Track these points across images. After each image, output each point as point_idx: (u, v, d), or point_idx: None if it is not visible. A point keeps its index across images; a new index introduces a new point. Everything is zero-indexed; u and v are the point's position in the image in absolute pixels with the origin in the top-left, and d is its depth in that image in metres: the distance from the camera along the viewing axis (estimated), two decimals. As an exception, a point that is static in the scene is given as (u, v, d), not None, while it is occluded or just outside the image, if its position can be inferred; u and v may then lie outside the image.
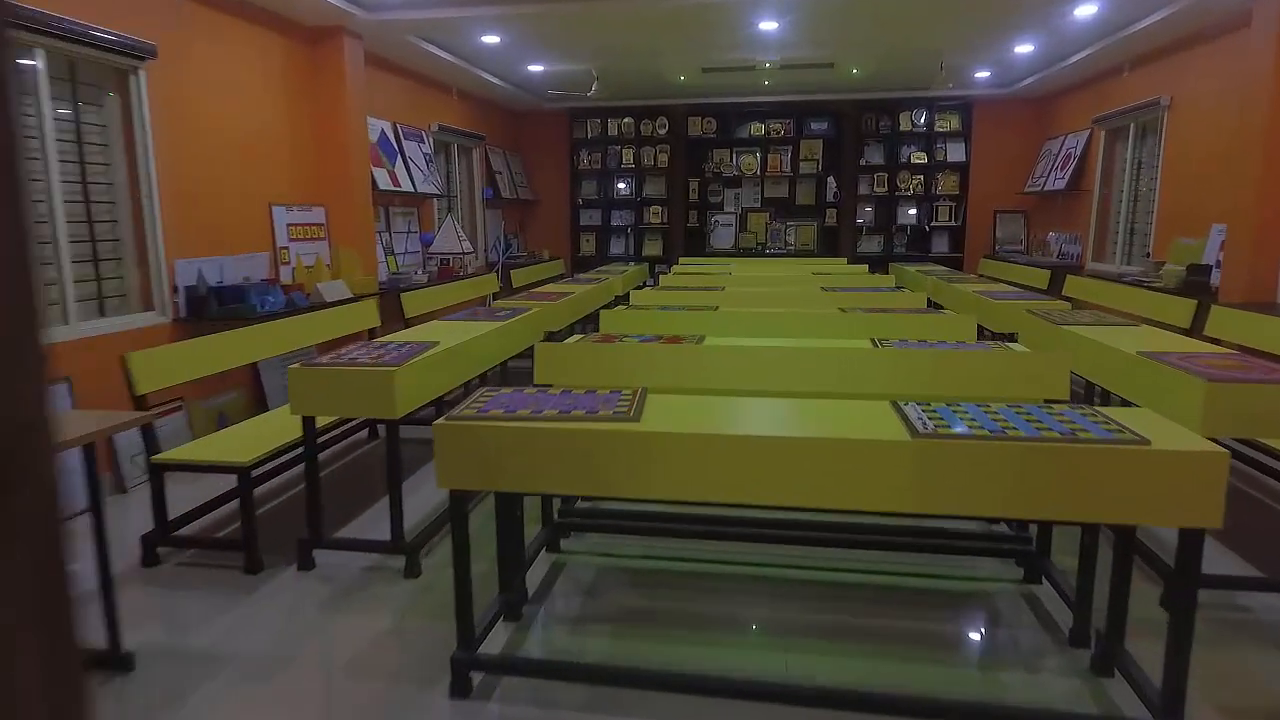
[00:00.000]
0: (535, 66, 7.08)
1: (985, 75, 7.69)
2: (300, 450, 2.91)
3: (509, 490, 2.03)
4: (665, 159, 9.18)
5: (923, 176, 8.81)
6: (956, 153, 8.74)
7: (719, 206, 9.33)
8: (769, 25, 5.65)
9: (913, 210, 8.99)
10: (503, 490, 1.99)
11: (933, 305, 5.29)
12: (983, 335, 3.92)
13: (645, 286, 7.27)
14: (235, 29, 4.50)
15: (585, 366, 2.83)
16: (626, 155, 9.24)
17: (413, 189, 6.31)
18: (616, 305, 4.56)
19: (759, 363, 2.70)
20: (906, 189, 8.84)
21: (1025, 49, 6.47)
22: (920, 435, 1.77)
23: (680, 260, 8.29)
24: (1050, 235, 7.94)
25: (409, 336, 3.36)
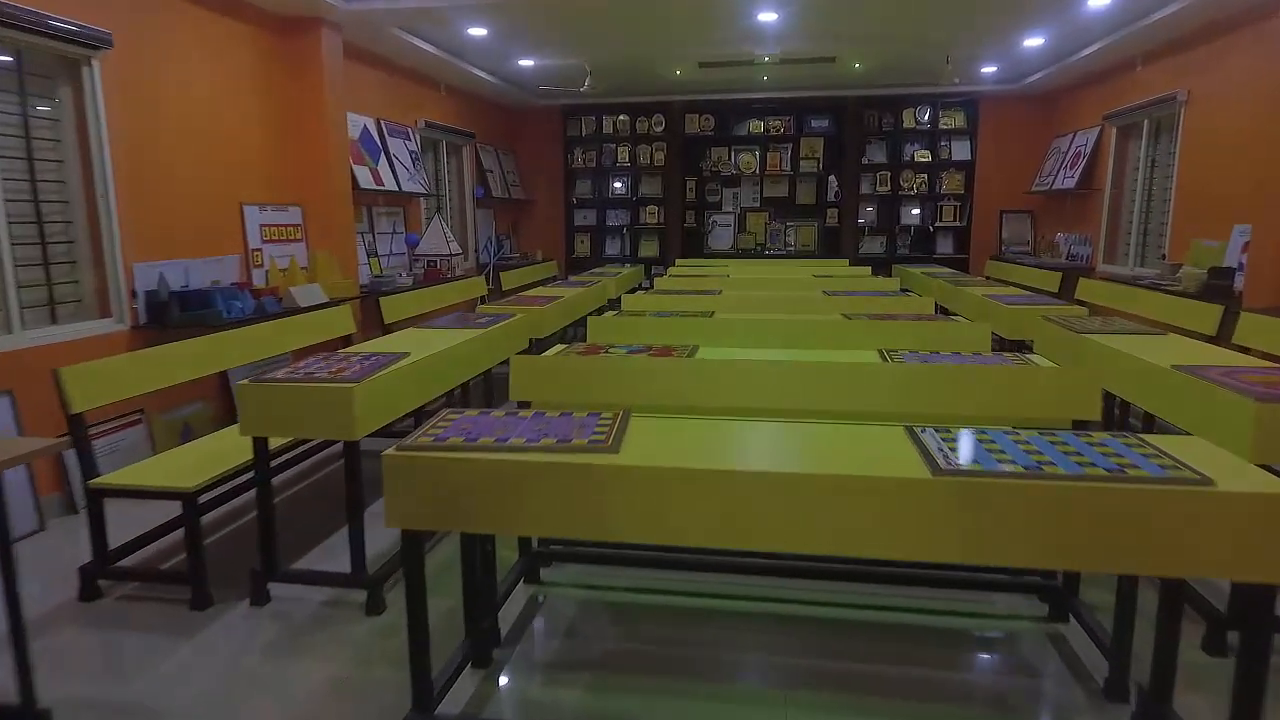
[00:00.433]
0: (526, 61, 6.83)
1: (992, 70, 7.44)
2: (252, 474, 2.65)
3: (467, 531, 1.77)
4: (662, 157, 8.93)
5: (926, 175, 8.56)
6: (961, 151, 8.48)
7: (717, 206, 9.08)
8: (768, 16, 5.39)
9: (916, 210, 8.74)
10: (461, 531, 1.74)
11: (940, 310, 5.04)
12: (995, 343, 3.67)
13: (640, 289, 7.02)
14: (201, 18, 4.24)
15: (566, 382, 2.57)
16: (622, 153, 8.98)
17: (397, 188, 6.05)
18: (608, 310, 4.31)
19: (756, 379, 2.45)
20: (910, 188, 8.59)
21: (1035, 42, 6.22)
22: (942, 472, 1.52)
23: (677, 262, 8.05)
24: (1058, 236, 7.69)
25: (378, 346, 3.11)
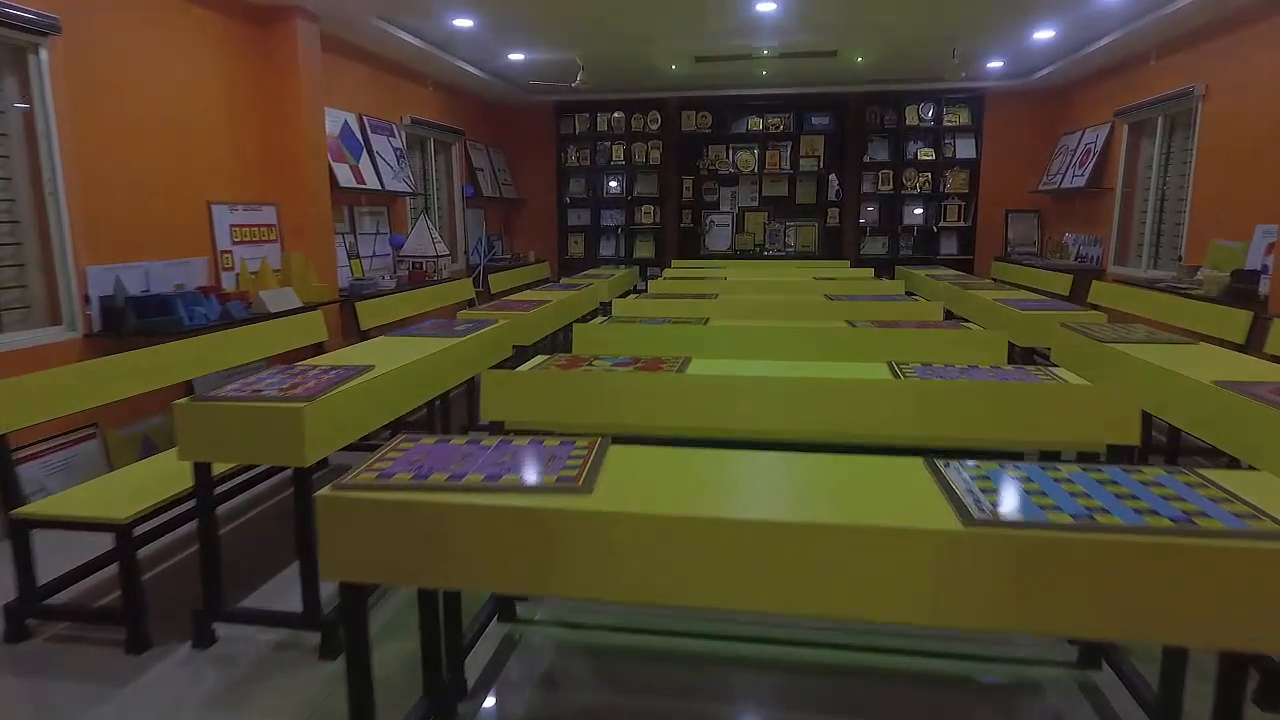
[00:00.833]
0: (516, 55, 6.58)
1: (998, 65, 7.19)
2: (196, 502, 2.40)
3: (413, 585, 1.52)
4: (658, 155, 8.67)
5: (930, 174, 8.31)
6: (966, 149, 8.23)
7: (714, 206, 8.83)
8: (767, 7, 5.14)
9: (919, 210, 8.49)
10: (407, 585, 1.49)
11: (949, 315, 4.79)
12: (1009, 351, 3.42)
13: (633, 293, 6.77)
14: (164, 5, 3.99)
15: (543, 399, 2.32)
16: (616, 151, 8.73)
17: (380, 186, 5.80)
18: (597, 316, 4.07)
19: (754, 398, 2.20)
20: (913, 187, 8.34)
21: (1045, 35, 5.97)
22: (976, 523, 1.27)
23: (673, 263, 7.80)
24: (1067, 236, 7.44)
25: (343, 357, 2.86)
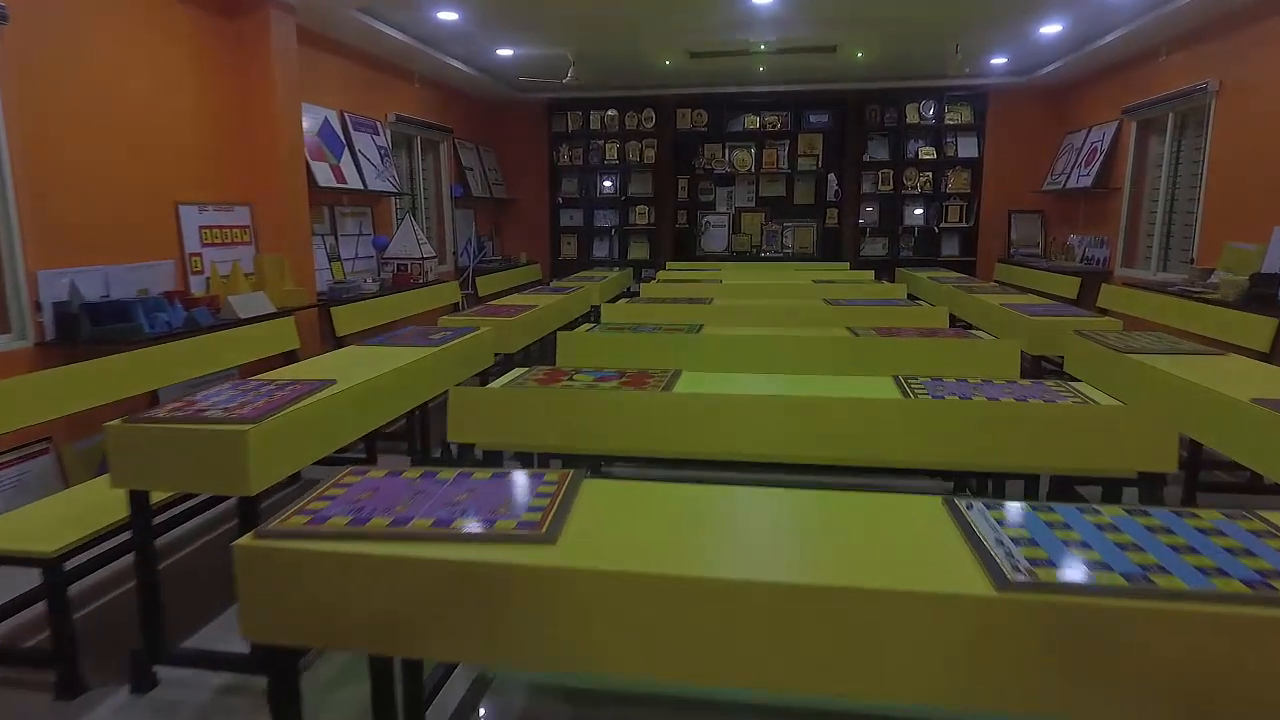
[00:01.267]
0: (504, 50, 6.37)
1: (1002, 62, 6.99)
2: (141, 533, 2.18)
3: (346, 649, 1.31)
4: (652, 154, 8.47)
5: (931, 174, 8.11)
6: (968, 148, 8.03)
7: (710, 206, 8.62)
8: (764, -1, 4.95)
9: (920, 210, 8.29)
10: (338, 648, 1.28)
11: (955, 321, 4.58)
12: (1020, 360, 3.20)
13: (627, 295, 6.57)
14: (128, -6, 3.77)
15: (515, 420, 2.11)
16: (610, 150, 8.52)
17: (363, 186, 5.59)
18: (582, 324, 3.86)
19: (748, 419, 1.99)
20: (913, 187, 8.14)
21: (1052, 29, 5.77)
22: (1011, 586, 1.06)
23: (668, 265, 7.60)
24: (1072, 238, 7.25)
25: (305, 370, 2.64)
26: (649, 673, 1.15)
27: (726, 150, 8.44)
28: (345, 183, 5.37)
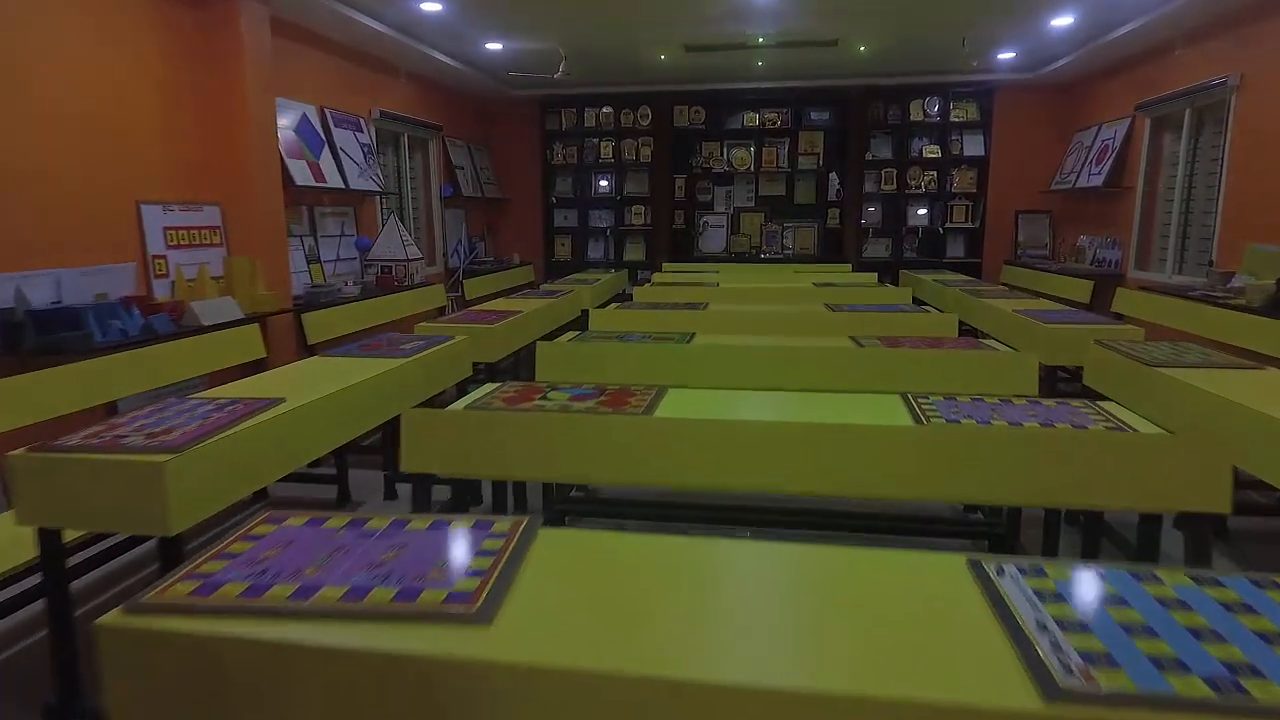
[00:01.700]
0: (493, 44, 6.13)
1: (1010, 57, 6.75)
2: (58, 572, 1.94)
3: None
4: (648, 153, 8.23)
5: (936, 173, 7.87)
6: (974, 146, 7.79)
7: (708, 206, 8.39)
8: (762, -12, 4.71)
9: (924, 210, 8.05)
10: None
11: (963, 328, 4.34)
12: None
13: (624, 295, 6.33)
14: (84, -20, 3.54)
15: (475, 446, 1.88)
16: (605, 149, 8.28)
17: (344, 185, 5.35)
18: (569, 331, 3.62)
19: (738, 448, 1.76)
20: (917, 186, 7.90)
21: (1063, 22, 5.53)
22: (1062, 696, 0.82)
23: (664, 266, 7.36)
24: (1082, 239, 7.00)
25: (251, 387, 2.41)
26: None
27: (725, 148, 8.21)
28: (324, 181, 5.14)
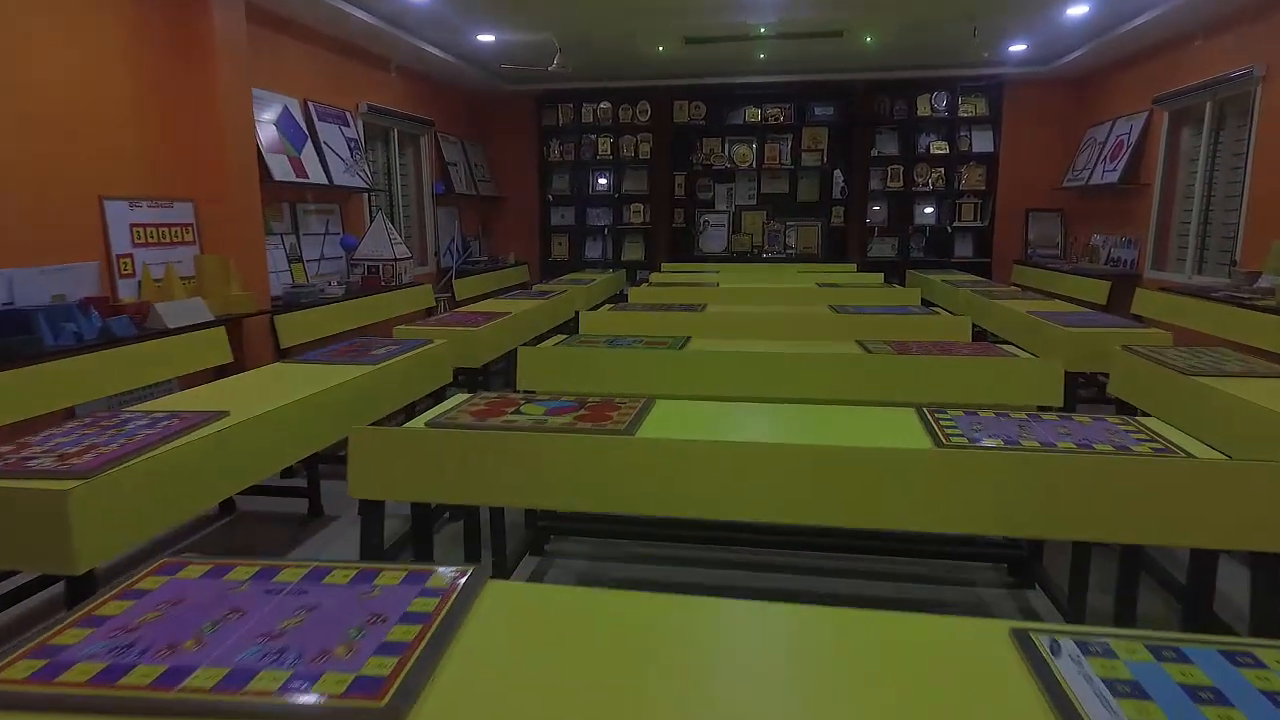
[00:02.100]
0: (485, 36, 5.91)
1: (1021, 49, 6.51)
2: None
3: None
4: (648, 150, 8.00)
5: (943, 169, 7.62)
6: (983, 142, 7.55)
7: (709, 204, 8.15)
8: (763, -27, 4.48)
9: (931, 209, 7.81)
10: None
11: (976, 331, 4.11)
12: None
13: (610, 302, 6.12)
14: (41, -39, 3.32)
15: (433, 470, 1.65)
16: (603, 145, 8.05)
17: (327, 181, 5.14)
18: (558, 334, 3.40)
19: (734, 474, 1.53)
20: (925, 184, 7.66)
21: (1078, 11, 5.29)
22: None
23: (662, 266, 7.15)
24: (1096, 238, 6.76)
25: (195, 399, 2.18)
26: None
27: (726, 145, 7.97)
28: (306, 177, 4.92)
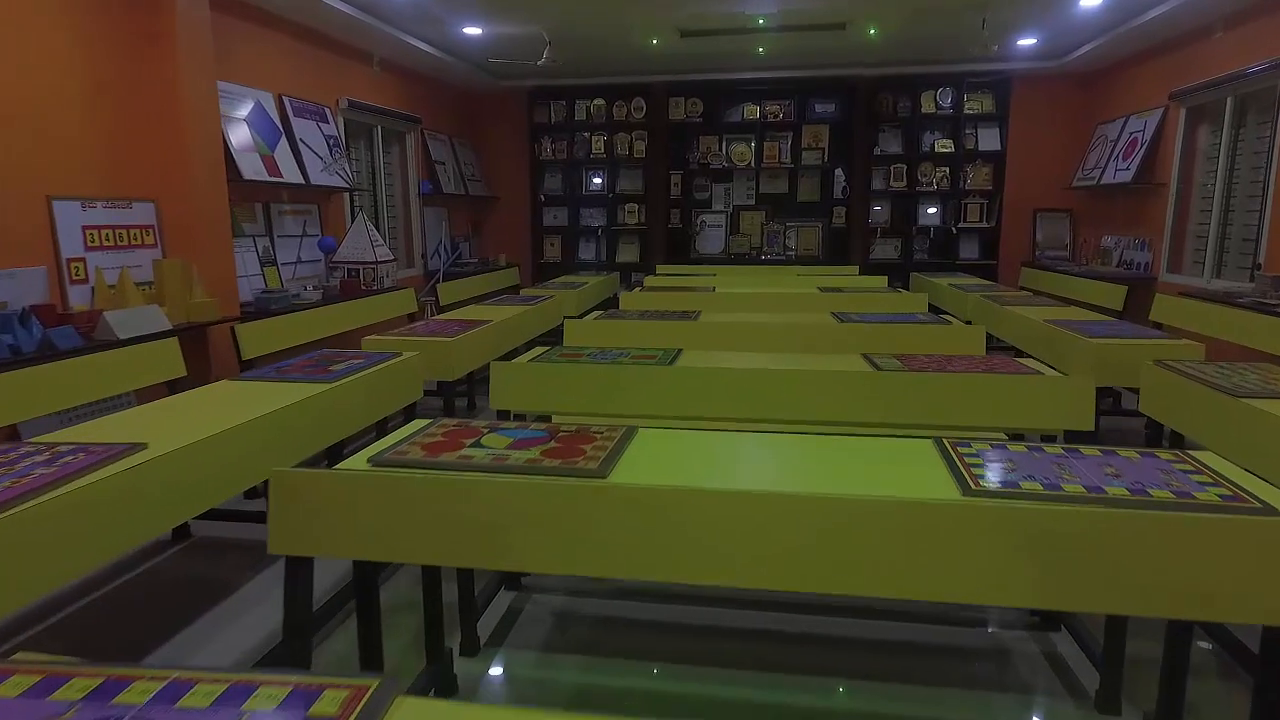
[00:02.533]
0: (471, 29, 5.66)
1: (1031, 43, 6.26)
2: None
3: None
4: (643, 148, 7.74)
5: (949, 169, 7.37)
6: (990, 140, 7.30)
7: (706, 204, 7.90)
8: (762, -40, 4.23)
9: (935, 209, 7.56)
10: None
11: (991, 341, 3.86)
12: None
13: (600, 309, 5.86)
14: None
15: (371, 520, 1.40)
16: (597, 143, 7.80)
17: (303, 180, 4.89)
18: (543, 343, 3.15)
19: (725, 530, 1.28)
20: (929, 184, 7.40)
21: (1091, 3, 5.04)
22: None
23: (657, 269, 6.90)
24: (1107, 239, 6.51)
25: (112, 428, 1.93)
26: None
27: (724, 143, 7.72)
28: (281, 176, 4.67)
